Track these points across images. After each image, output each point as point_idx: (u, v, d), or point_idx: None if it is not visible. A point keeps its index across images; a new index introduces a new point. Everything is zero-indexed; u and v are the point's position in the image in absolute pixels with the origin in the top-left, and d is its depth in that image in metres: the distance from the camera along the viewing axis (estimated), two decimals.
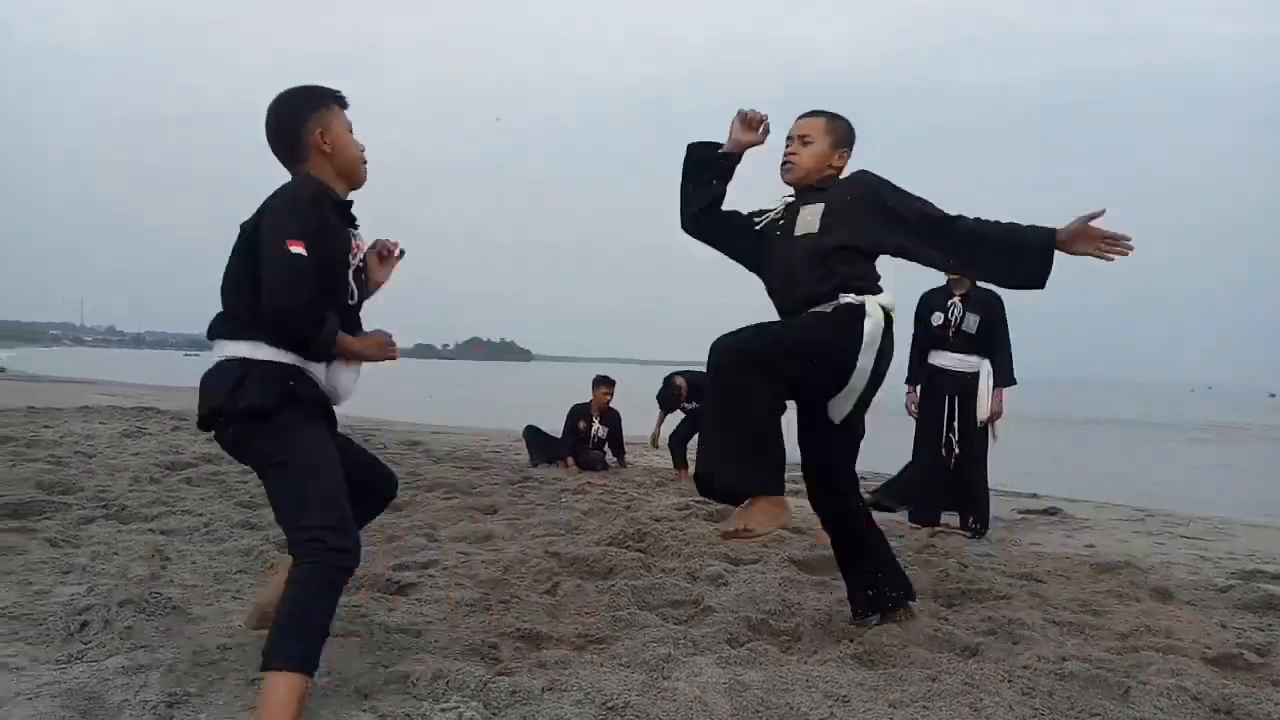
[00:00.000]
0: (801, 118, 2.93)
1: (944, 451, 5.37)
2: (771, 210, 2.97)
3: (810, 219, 2.80)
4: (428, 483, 5.96)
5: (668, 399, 7.96)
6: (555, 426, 8.26)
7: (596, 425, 8.12)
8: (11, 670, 2.21)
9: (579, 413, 8.14)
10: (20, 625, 2.56)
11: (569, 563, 3.68)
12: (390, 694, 2.13)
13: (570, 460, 7.77)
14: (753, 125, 2.93)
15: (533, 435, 8.30)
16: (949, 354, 5.38)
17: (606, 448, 8.17)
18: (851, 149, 2.94)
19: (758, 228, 2.97)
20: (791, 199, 2.93)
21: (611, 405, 8.22)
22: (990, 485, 5.45)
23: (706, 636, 2.73)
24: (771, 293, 2.94)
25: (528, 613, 2.90)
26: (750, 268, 3.02)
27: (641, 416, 8.55)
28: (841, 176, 2.91)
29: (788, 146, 2.91)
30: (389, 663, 2.33)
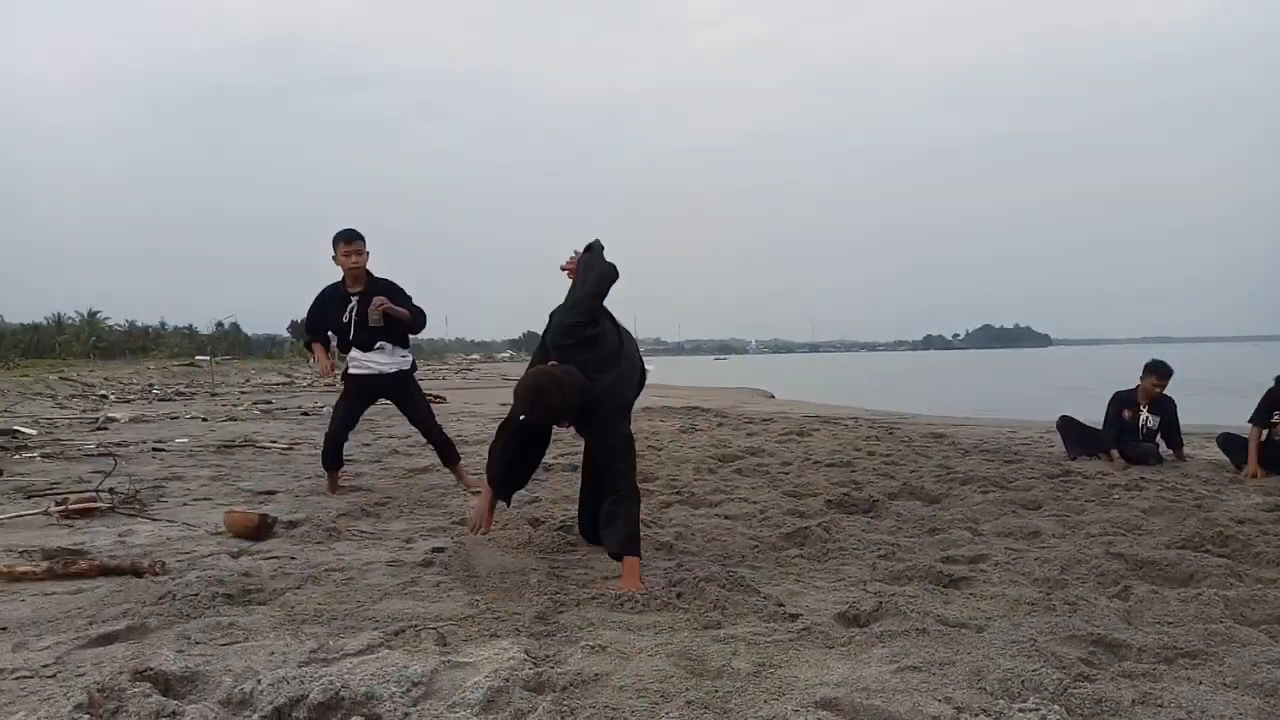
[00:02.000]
0: None
1: None
2: None
3: None
4: (960, 476, 5.84)
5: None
6: (1088, 416, 7.56)
7: (1145, 414, 7.23)
8: (631, 630, 2.65)
9: (1123, 400, 7.33)
10: (628, 594, 3.04)
11: (1137, 565, 3.34)
12: (961, 687, 2.13)
13: (1115, 453, 7.02)
14: None
15: (1069, 426, 7.67)
16: None
17: (1159, 439, 7.24)
18: None
19: None
20: None
21: (1165, 392, 7.26)
22: None
23: None
24: None
25: (1098, 617, 2.69)
26: None
27: (1194, 401, 7.43)
28: None
29: None
30: (954, 656, 2.34)
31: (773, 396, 22.62)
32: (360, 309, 5.40)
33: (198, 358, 43.62)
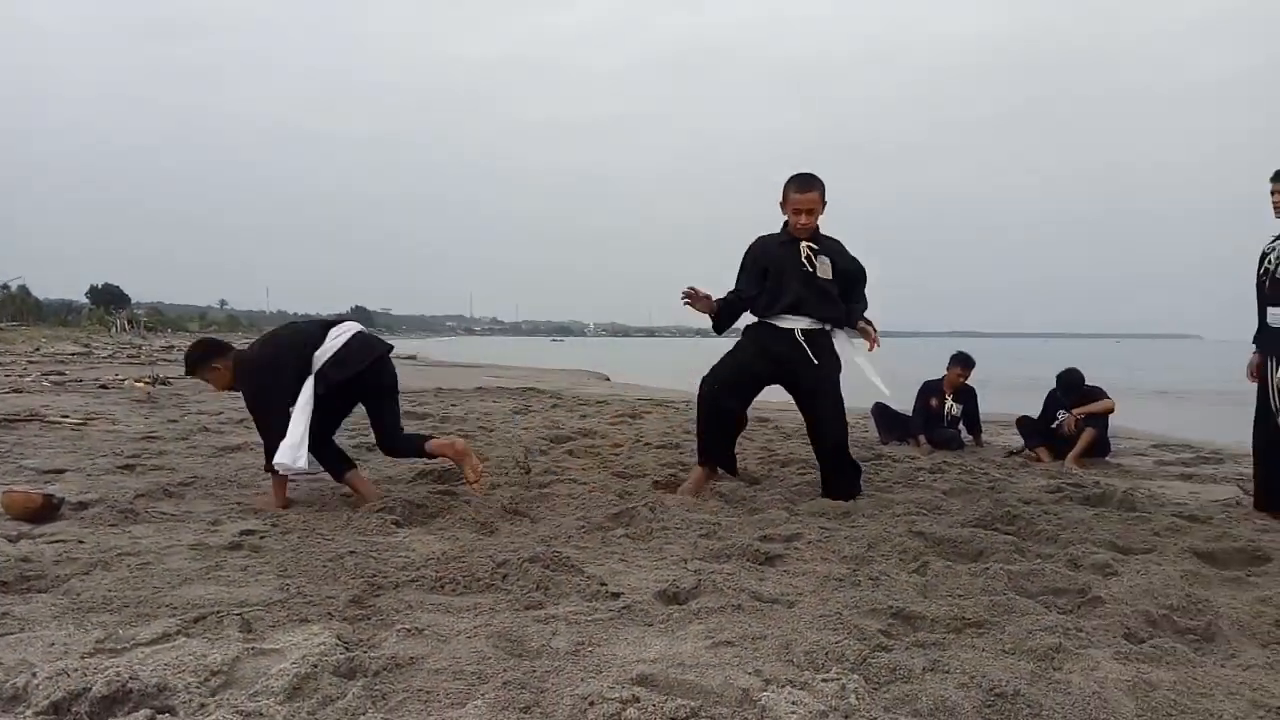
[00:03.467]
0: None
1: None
2: None
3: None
4: (781, 458, 6.07)
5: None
6: (903, 404, 8.05)
7: (950, 403, 7.77)
8: (451, 611, 2.60)
9: (931, 390, 7.84)
10: (452, 571, 2.98)
11: (935, 543, 3.57)
12: (770, 660, 2.21)
13: (922, 438, 7.51)
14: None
15: (881, 412, 8.13)
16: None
17: (961, 426, 7.80)
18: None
19: None
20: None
21: (967, 382, 7.83)
22: None
23: (1099, 629, 2.53)
24: None
25: (898, 591, 2.87)
26: None
27: (994, 394, 8.03)
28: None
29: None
30: (766, 630, 2.42)
31: (608, 379, 22.79)
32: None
33: None
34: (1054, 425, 7.10)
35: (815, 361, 4.63)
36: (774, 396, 5.13)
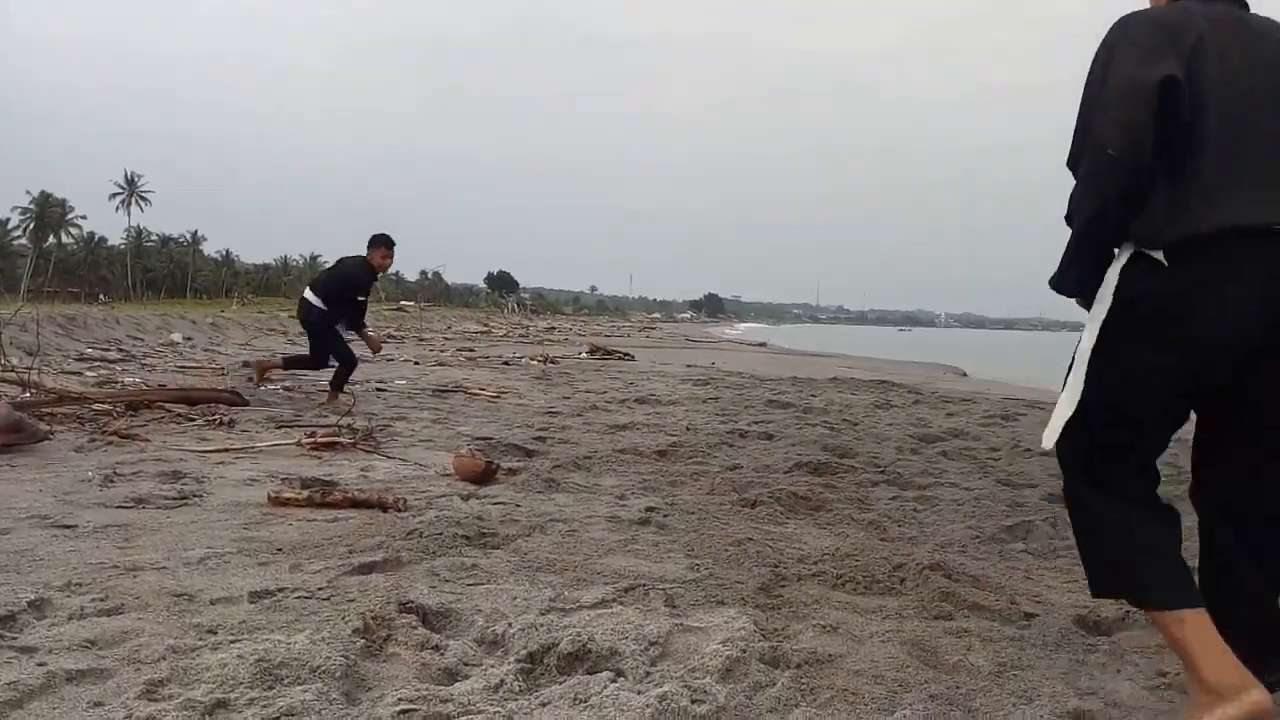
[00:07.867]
0: None
1: None
2: None
3: None
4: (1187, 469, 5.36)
5: None
6: None
7: None
8: (858, 611, 2.63)
9: None
10: (849, 569, 3.01)
11: None
12: None
13: None
14: None
15: None
16: None
17: None
18: None
19: None
20: None
21: None
22: None
23: None
24: None
25: None
26: None
27: None
28: None
29: None
30: None
31: (965, 374, 21.65)
32: None
33: (403, 303, 46.54)
34: None
35: None
36: None
